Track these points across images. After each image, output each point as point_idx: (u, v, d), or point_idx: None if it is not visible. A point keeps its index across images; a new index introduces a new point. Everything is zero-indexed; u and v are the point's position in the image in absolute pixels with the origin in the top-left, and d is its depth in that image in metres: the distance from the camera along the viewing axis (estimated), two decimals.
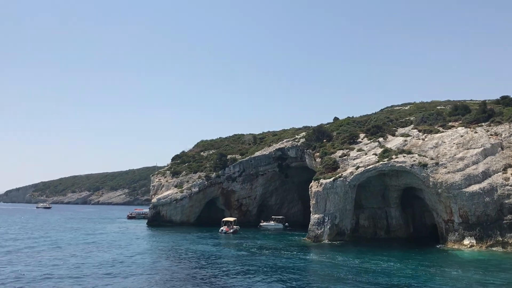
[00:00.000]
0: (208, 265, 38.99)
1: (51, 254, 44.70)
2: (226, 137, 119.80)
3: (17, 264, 38.37)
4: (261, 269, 36.76)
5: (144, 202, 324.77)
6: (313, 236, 56.85)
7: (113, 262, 39.91)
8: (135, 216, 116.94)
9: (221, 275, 33.73)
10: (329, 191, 57.61)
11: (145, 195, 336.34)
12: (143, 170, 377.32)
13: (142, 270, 35.68)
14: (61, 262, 39.17)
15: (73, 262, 39.55)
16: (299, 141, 79.75)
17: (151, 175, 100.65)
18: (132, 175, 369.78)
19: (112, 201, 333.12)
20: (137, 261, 41.01)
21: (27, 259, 41.13)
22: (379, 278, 32.98)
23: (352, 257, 44.07)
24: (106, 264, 38.63)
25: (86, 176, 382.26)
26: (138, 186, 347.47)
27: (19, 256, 43.53)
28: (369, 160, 59.51)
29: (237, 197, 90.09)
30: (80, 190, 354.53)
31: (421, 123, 68.31)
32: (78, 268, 36.20)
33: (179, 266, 38.58)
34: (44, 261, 39.79)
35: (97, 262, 39.37)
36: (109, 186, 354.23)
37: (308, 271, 36.16)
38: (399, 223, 62.88)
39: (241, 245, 54.45)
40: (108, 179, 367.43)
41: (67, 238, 61.70)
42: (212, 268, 37.33)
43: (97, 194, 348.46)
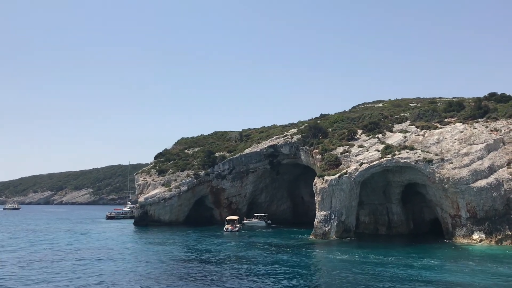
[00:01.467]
0: (232, 265, 37.72)
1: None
2: (209, 135, 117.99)
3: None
4: (294, 270, 35.79)
5: (110, 201, 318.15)
6: (320, 234, 56.32)
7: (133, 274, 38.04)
8: (115, 216, 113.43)
9: (251, 277, 32.56)
10: (334, 187, 57.23)
11: (111, 194, 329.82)
12: (108, 169, 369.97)
13: (176, 278, 34.04)
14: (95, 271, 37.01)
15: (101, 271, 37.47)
16: (293, 138, 79.12)
17: (135, 174, 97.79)
18: (96, 174, 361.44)
19: (76, 201, 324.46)
20: (159, 269, 39.17)
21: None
22: (404, 273, 33.35)
23: (369, 253, 43.93)
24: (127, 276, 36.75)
25: (48, 175, 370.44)
26: (103, 185, 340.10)
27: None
28: (372, 157, 59.53)
29: (226, 195, 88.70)
30: (42, 190, 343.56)
31: (418, 119, 69.00)
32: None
33: (208, 269, 37.09)
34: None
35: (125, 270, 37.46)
36: (73, 186, 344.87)
37: (336, 270, 35.33)
38: (400, 219, 63.28)
39: (255, 245, 53.13)
40: (72, 178, 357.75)
41: (72, 241, 58.80)
42: (239, 269, 36.08)
43: (60, 194, 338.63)
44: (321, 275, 32.91)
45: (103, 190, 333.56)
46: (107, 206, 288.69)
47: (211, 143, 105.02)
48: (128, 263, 39.51)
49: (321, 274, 33.57)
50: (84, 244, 54.46)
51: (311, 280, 31.51)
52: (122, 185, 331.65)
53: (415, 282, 29.98)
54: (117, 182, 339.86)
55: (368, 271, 34.09)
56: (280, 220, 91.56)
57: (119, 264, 38.19)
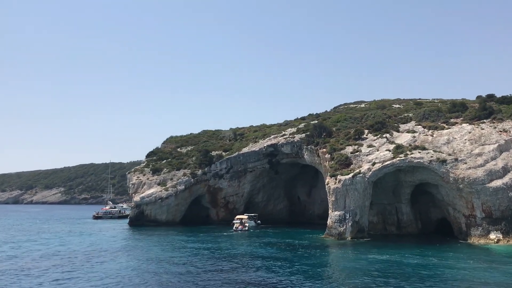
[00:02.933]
0: (252, 265, 36.63)
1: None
2: (199, 133, 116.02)
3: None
4: (332, 274, 34.99)
5: (82, 201, 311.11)
6: (336, 234, 55.75)
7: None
8: (102, 216, 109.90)
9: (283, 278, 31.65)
10: (348, 187, 56.76)
11: (83, 193, 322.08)
12: (80, 167, 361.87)
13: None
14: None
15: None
16: (295, 137, 78.35)
17: (127, 173, 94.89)
18: (67, 173, 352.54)
19: (47, 200, 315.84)
20: (186, 272, 37.68)
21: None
22: (438, 272, 33.75)
23: (392, 254, 43.82)
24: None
25: (17, 174, 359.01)
26: (74, 184, 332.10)
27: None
28: (384, 156, 59.36)
29: (224, 194, 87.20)
30: (11, 189, 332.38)
31: (424, 119, 69.32)
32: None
33: (240, 271, 35.89)
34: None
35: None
36: (43, 185, 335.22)
37: (376, 271, 34.72)
38: (410, 219, 63.41)
39: (273, 245, 52.16)
40: (42, 177, 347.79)
41: (75, 243, 56.36)
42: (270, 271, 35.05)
43: (30, 193, 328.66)
44: (361, 277, 32.12)
45: (75, 190, 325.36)
46: (79, 205, 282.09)
47: (204, 142, 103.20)
48: (159, 270, 37.83)
49: (361, 275, 32.76)
50: (96, 246, 52.26)
51: (355, 282, 30.75)
52: (95, 184, 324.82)
53: (452, 282, 30.39)
54: (89, 181, 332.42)
55: (401, 271, 34.41)
56: (276, 219, 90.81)
57: (145, 276, 35.82)
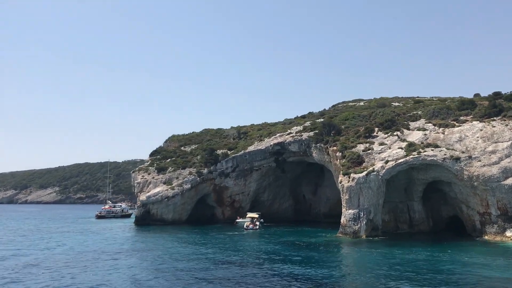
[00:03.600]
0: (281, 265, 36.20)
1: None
2: (201, 132, 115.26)
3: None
4: (357, 272, 34.64)
5: (77, 200, 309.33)
6: (351, 232, 55.45)
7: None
8: (105, 215, 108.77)
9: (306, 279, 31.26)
10: (362, 185, 56.46)
11: (78, 193, 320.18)
12: (74, 167, 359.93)
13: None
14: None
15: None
16: (302, 135, 77.96)
17: (131, 172, 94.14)
18: (62, 173, 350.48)
19: (42, 200, 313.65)
20: (221, 271, 37.16)
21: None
22: (462, 269, 33.74)
23: (414, 251, 43.71)
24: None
25: (11, 174, 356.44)
26: (69, 183, 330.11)
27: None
28: (397, 154, 59.10)
29: (230, 193, 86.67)
30: (5, 189, 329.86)
31: (433, 117, 69.15)
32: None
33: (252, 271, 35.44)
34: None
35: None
36: (38, 184, 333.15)
37: (403, 268, 34.46)
38: (421, 217, 63.25)
39: (292, 244, 51.65)
40: (36, 177, 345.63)
41: (93, 242, 55.58)
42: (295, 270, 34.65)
43: (24, 193, 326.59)
44: (395, 275, 31.81)
45: (70, 189, 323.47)
46: (75, 205, 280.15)
47: (208, 141, 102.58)
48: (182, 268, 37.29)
49: (394, 273, 32.43)
50: (112, 246, 51.57)
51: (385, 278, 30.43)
52: (90, 184, 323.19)
53: (478, 278, 30.50)
54: (84, 181, 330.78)
55: (424, 268, 34.57)
56: (282, 218, 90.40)
57: (168, 277, 35.39)
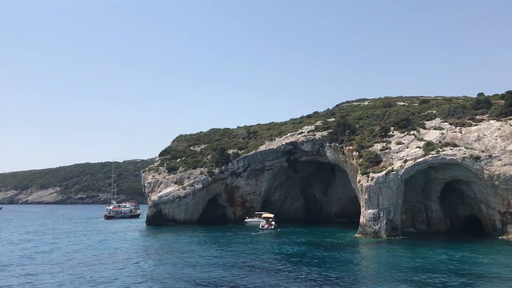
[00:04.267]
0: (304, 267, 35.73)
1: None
2: (210, 131, 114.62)
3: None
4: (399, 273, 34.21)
5: (78, 201, 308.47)
6: (371, 232, 55.02)
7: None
8: (114, 215, 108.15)
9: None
10: (381, 185, 56.02)
11: (79, 193, 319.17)
12: (75, 167, 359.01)
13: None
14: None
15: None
16: (315, 135, 77.54)
17: (141, 171, 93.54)
18: (63, 173, 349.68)
19: (43, 200, 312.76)
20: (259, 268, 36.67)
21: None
22: (496, 270, 33.48)
23: (441, 252, 43.18)
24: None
25: (12, 174, 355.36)
26: (70, 184, 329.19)
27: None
28: (415, 153, 58.70)
29: (241, 193, 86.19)
30: (6, 189, 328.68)
31: (449, 116, 68.76)
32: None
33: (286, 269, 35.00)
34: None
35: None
36: (39, 184, 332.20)
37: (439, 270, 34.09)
38: (439, 216, 62.86)
39: (313, 244, 51.22)
40: (37, 177, 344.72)
41: (113, 242, 55.02)
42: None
43: (25, 193, 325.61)
44: (426, 275, 31.40)
45: (71, 189, 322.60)
46: (76, 205, 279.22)
47: (217, 140, 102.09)
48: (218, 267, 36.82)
49: (424, 273, 32.03)
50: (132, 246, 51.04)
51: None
52: (91, 184, 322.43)
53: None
54: (85, 181, 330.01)
55: (457, 267, 34.40)
56: (293, 218, 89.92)
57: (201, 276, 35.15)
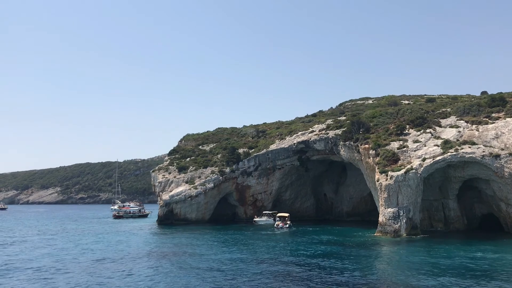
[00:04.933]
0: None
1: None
2: (218, 130, 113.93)
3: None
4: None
5: (79, 200, 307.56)
6: (391, 231, 54.56)
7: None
8: (123, 215, 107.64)
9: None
10: (401, 183, 55.58)
11: (80, 193, 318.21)
12: (76, 167, 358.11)
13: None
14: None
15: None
16: (328, 133, 77.09)
17: (151, 171, 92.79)
18: (64, 173, 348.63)
19: (43, 200, 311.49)
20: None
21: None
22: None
23: (476, 250, 42.87)
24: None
25: (12, 174, 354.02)
26: (71, 184, 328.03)
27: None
28: (434, 152, 58.30)
29: (252, 192, 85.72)
30: (6, 189, 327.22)
31: (465, 114, 68.38)
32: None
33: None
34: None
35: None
36: (39, 185, 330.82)
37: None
38: (457, 215, 62.50)
39: (335, 244, 50.86)
40: (38, 177, 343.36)
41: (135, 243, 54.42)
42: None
43: (26, 193, 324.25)
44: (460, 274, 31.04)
45: (71, 189, 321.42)
46: (77, 205, 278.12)
47: (226, 140, 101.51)
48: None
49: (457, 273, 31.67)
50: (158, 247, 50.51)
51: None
52: (91, 184, 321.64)
53: None
54: (86, 181, 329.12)
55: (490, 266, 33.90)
56: (303, 217, 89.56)
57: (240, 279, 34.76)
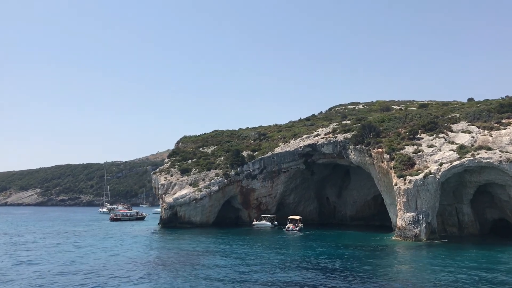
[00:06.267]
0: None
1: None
2: (215, 133, 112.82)
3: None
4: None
5: (59, 202, 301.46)
6: (412, 236, 54.32)
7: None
8: (120, 217, 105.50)
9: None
10: (420, 188, 55.45)
11: (60, 195, 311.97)
12: (56, 168, 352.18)
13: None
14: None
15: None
16: (337, 137, 76.79)
17: (152, 173, 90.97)
18: (44, 174, 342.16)
19: (22, 202, 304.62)
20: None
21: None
22: None
23: (494, 255, 42.79)
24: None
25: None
26: (51, 185, 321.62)
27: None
28: (450, 157, 58.37)
29: (256, 195, 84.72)
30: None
31: (475, 119, 68.84)
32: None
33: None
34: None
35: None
36: (18, 186, 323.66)
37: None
38: (470, 219, 62.71)
39: (356, 247, 50.41)
40: (16, 178, 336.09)
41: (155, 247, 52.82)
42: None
43: (4, 195, 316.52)
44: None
45: (51, 191, 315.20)
46: (58, 207, 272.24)
47: (227, 142, 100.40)
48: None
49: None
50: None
51: None
52: (72, 186, 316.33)
53: None
54: (66, 183, 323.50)
55: None
56: (307, 221, 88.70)
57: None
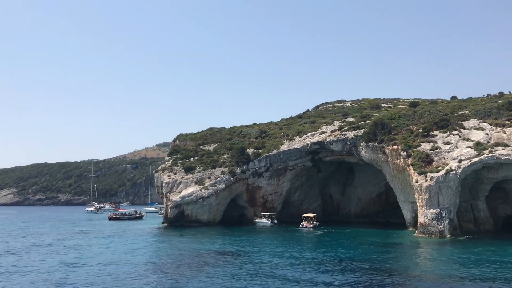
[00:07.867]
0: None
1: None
2: (213, 131, 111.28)
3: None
4: None
5: (36, 202, 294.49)
6: (436, 232, 54.44)
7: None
8: (119, 217, 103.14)
9: None
10: (441, 184, 55.59)
11: (37, 194, 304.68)
12: (32, 167, 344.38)
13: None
14: None
15: None
16: (346, 134, 76.60)
17: (154, 172, 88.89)
18: (19, 173, 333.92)
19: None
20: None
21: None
22: None
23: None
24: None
25: None
26: (28, 184, 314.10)
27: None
28: (468, 153, 58.74)
29: (262, 193, 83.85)
30: None
31: (485, 116, 69.57)
32: None
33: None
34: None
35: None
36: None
37: None
38: (486, 216, 63.43)
39: (379, 245, 50.17)
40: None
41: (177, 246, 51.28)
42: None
43: None
44: None
45: (28, 190, 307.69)
46: (35, 207, 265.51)
47: (228, 140, 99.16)
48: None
49: None
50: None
51: None
52: (50, 185, 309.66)
53: None
54: (44, 182, 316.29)
55: None
56: None
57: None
